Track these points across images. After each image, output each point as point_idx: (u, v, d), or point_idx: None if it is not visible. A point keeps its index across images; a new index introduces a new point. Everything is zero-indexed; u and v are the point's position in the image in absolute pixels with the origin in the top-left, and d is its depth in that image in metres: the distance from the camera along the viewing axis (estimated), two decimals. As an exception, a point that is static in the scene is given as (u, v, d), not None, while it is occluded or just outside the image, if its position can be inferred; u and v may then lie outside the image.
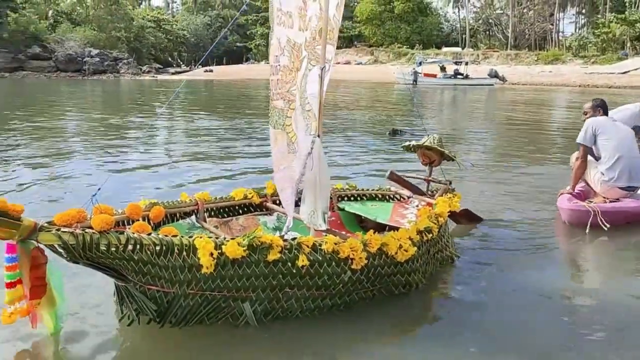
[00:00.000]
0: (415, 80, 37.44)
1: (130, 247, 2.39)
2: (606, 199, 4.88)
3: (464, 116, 18.01)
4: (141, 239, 2.41)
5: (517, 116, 17.41)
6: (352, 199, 4.43)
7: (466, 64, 42.66)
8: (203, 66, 56.08)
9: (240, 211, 3.86)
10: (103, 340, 2.69)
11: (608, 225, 4.52)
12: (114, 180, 6.08)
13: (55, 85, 33.09)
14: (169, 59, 62.39)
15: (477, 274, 3.71)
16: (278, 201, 3.69)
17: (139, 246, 2.41)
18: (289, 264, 2.70)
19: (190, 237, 2.56)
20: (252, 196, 3.86)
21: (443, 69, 42.52)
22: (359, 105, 20.71)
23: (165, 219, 3.32)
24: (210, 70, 54.56)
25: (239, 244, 2.57)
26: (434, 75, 41.16)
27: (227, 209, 3.78)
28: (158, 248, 2.45)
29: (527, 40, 65.04)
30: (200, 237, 2.55)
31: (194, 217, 3.49)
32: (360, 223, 4.22)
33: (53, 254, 2.39)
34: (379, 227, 3.78)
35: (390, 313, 3.03)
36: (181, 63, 63.40)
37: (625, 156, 4.85)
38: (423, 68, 41.00)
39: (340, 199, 4.34)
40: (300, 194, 3.21)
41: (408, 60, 54.74)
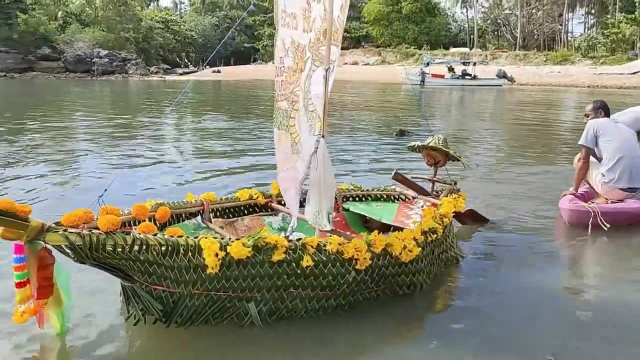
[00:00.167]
0: (422, 80, 37.43)
1: (136, 248, 2.42)
2: (608, 200, 4.87)
3: (471, 117, 17.95)
4: (147, 240, 2.44)
5: (525, 117, 17.30)
6: (357, 199, 4.44)
7: (474, 64, 42.46)
8: (211, 67, 56.29)
9: (246, 212, 3.87)
10: (109, 339, 2.71)
11: (608, 226, 4.51)
12: (122, 180, 6.15)
13: (64, 85, 33.30)
14: (177, 59, 62.54)
15: (481, 274, 3.72)
16: (283, 202, 3.70)
17: (144, 247, 2.43)
18: (294, 265, 2.71)
19: (195, 238, 2.58)
20: (258, 197, 3.88)
21: (451, 69, 42.38)
22: (366, 105, 20.68)
23: (171, 219, 3.34)
24: (218, 71, 54.73)
25: (244, 245, 2.59)
26: (441, 76, 41.02)
27: (233, 210, 3.80)
28: (164, 248, 2.48)
29: (536, 40, 64.64)
30: (206, 238, 2.57)
31: (199, 218, 3.51)
32: (365, 223, 4.23)
33: (60, 254, 2.42)
34: (383, 228, 3.80)
35: (395, 313, 3.04)
36: (189, 64, 63.55)
37: (626, 157, 4.83)
38: (431, 68, 40.87)
39: (345, 200, 4.35)
40: (304, 194, 3.23)
41: (416, 61, 54.58)
